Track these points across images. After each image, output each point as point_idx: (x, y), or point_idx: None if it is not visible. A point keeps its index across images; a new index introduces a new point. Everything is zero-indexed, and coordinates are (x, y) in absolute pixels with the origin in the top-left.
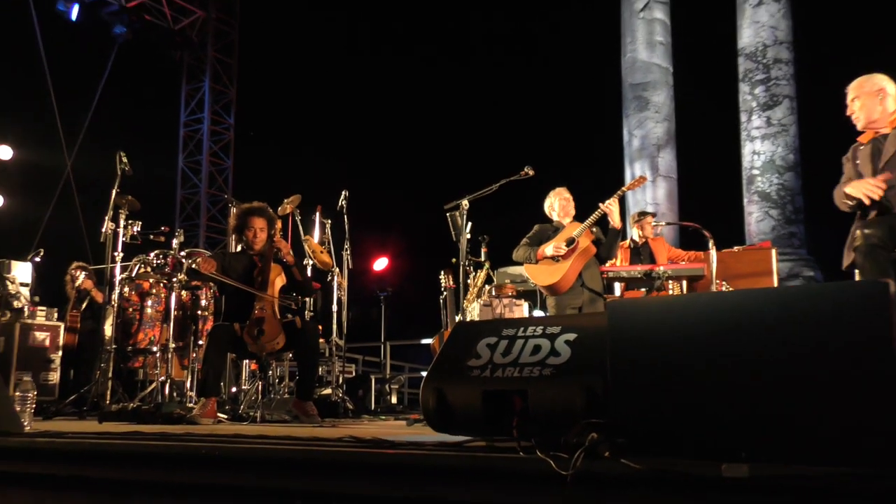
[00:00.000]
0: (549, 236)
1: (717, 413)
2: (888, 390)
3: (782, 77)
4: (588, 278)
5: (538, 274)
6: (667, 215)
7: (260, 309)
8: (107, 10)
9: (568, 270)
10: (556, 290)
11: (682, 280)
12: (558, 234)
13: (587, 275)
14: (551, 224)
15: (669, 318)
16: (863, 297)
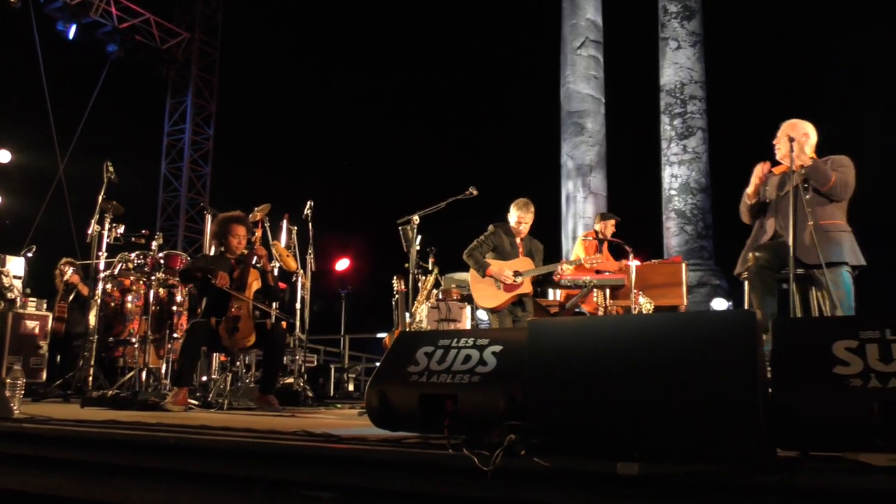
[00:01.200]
0: (502, 243)
1: (615, 419)
2: (751, 401)
3: (696, 111)
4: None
5: (479, 289)
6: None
7: (237, 308)
8: (101, 31)
9: (505, 301)
10: (491, 311)
11: (605, 288)
12: (510, 262)
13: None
14: (507, 231)
15: (580, 336)
16: (735, 323)
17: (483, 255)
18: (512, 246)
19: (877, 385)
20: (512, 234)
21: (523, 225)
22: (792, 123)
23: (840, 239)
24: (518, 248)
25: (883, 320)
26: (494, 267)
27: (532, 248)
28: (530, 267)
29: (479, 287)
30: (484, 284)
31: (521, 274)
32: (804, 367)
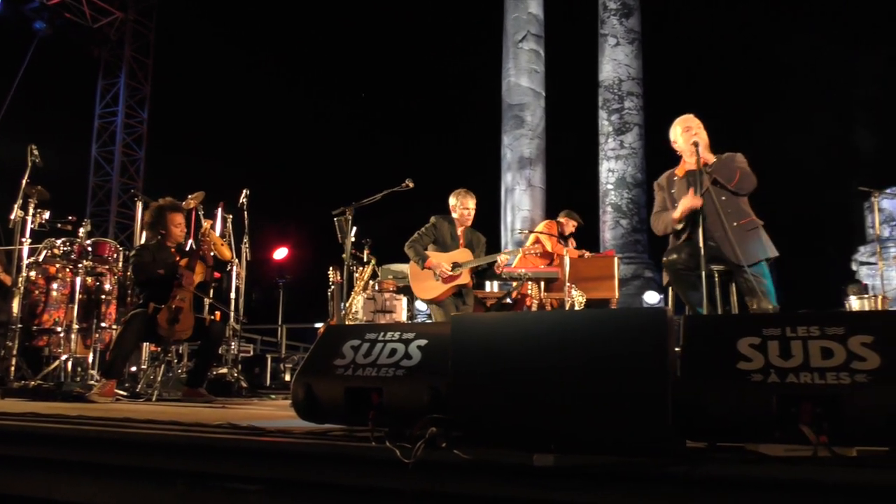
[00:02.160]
0: (443, 235)
1: (533, 412)
2: (661, 394)
3: (633, 108)
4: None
5: (418, 281)
6: (535, 221)
7: (180, 299)
8: (28, 6)
9: (443, 292)
10: (431, 303)
11: (540, 281)
12: (450, 254)
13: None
14: (449, 222)
15: (500, 332)
16: (646, 320)
17: (424, 246)
18: (453, 237)
19: (776, 380)
20: (454, 226)
21: (465, 212)
22: (689, 121)
23: (758, 236)
24: (459, 239)
25: (784, 318)
26: (433, 259)
27: (473, 240)
28: (469, 258)
29: (419, 279)
30: (423, 276)
31: (459, 265)
32: (711, 362)
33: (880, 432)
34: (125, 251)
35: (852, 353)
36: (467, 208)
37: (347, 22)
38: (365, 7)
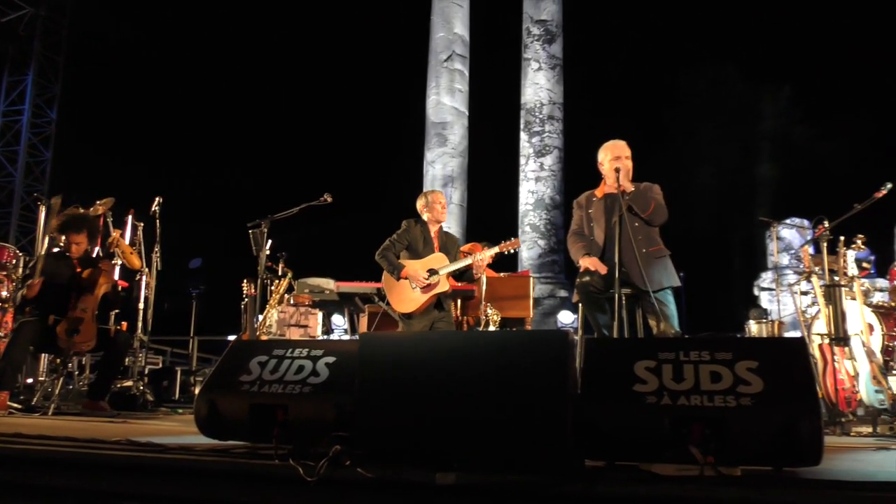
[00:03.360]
0: (415, 240)
1: (437, 431)
2: (561, 415)
3: (553, 131)
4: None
5: (394, 293)
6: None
7: (81, 310)
8: None
9: (423, 303)
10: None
11: (457, 298)
12: (424, 260)
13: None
14: (422, 225)
15: (407, 351)
16: (549, 342)
17: (396, 254)
18: (426, 242)
19: (669, 402)
20: (427, 228)
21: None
22: (619, 149)
23: (666, 264)
24: (433, 242)
25: (678, 343)
26: (409, 268)
27: (448, 243)
28: (445, 263)
29: (395, 291)
30: (399, 288)
31: (436, 272)
32: (609, 384)
33: (763, 452)
34: (25, 257)
35: (738, 378)
36: (440, 202)
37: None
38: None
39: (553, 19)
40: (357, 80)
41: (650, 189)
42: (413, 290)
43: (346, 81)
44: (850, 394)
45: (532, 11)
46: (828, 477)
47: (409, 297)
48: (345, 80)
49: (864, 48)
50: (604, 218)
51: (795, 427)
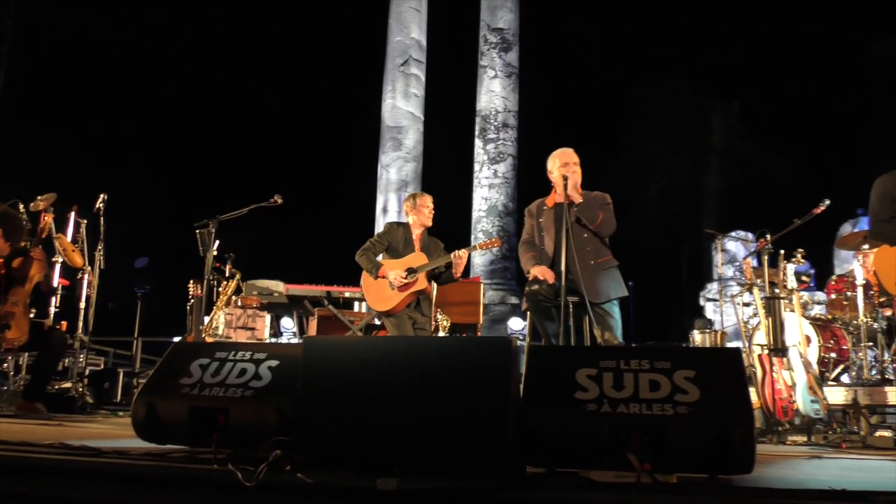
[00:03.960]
0: (396, 242)
1: (379, 436)
2: (502, 422)
3: (508, 139)
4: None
5: (371, 292)
6: None
7: (12, 304)
8: None
9: (399, 302)
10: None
11: None
12: (403, 260)
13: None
14: (404, 228)
15: (351, 355)
16: (492, 349)
17: (376, 254)
18: (406, 243)
19: (608, 410)
20: (409, 231)
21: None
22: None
23: (614, 275)
24: (414, 244)
25: (619, 352)
26: (386, 267)
27: (430, 245)
28: (424, 262)
29: (372, 290)
30: (377, 286)
31: (414, 270)
32: (551, 391)
33: (699, 460)
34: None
35: (676, 386)
36: (427, 206)
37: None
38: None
39: (510, 28)
40: (313, 82)
41: (600, 199)
42: (390, 289)
43: (302, 83)
44: (787, 403)
45: (489, 19)
46: (760, 485)
47: (386, 295)
48: (300, 81)
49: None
50: (553, 227)
51: (730, 435)
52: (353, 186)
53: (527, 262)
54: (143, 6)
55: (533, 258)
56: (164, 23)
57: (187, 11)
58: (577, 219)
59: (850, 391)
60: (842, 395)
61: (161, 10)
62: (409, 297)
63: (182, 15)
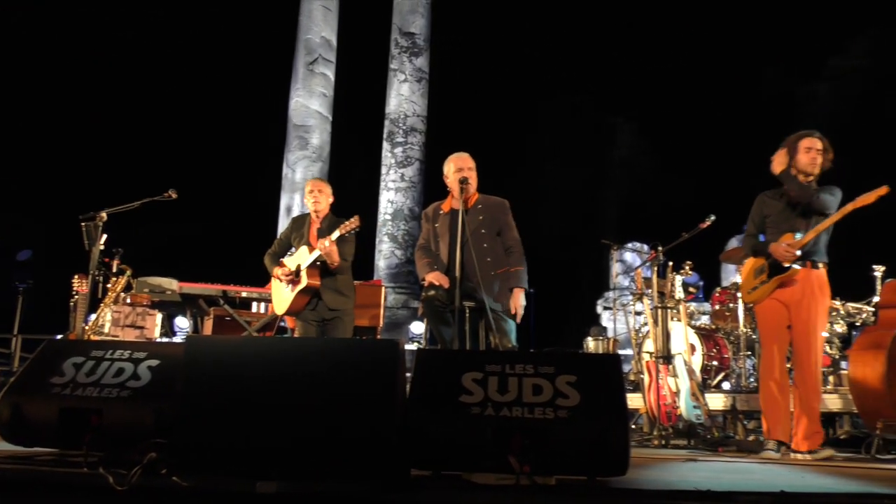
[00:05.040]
0: (298, 233)
1: (262, 438)
2: (387, 424)
3: (416, 143)
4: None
5: (274, 295)
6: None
7: None
8: None
9: (293, 302)
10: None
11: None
12: (294, 256)
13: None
14: (304, 219)
15: (235, 356)
16: (379, 352)
17: (278, 254)
18: (302, 237)
19: (492, 413)
20: (308, 223)
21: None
22: (463, 161)
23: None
24: (307, 236)
25: (505, 356)
26: (278, 267)
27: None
28: (307, 256)
29: (275, 291)
30: (277, 288)
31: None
32: (437, 394)
33: (578, 462)
34: None
35: (558, 391)
36: (308, 190)
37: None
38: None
39: (421, 33)
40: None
41: (500, 204)
42: (285, 289)
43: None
44: (671, 409)
45: (400, 23)
46: (634, 486)
47: (283, 296)
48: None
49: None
50: (448, 233)
51: (607, 439)
52: (256, 185)
53: (422, 269)
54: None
55: (428, 265)
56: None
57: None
58: (478, 225)
59: (729, 397)
60: (721, 401)
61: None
62: (301, 297)
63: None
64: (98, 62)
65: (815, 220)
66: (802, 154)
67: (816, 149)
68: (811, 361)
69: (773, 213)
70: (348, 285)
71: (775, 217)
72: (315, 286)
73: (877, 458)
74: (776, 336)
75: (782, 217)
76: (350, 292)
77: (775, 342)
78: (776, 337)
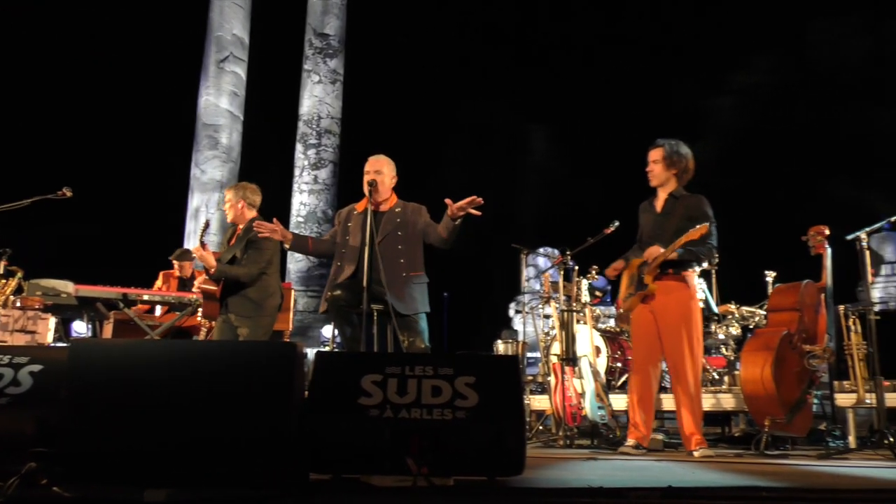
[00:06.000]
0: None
1: (151, 445)
2: (284, 429)
3: (330, 145)
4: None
5: None
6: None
7: None
8: None
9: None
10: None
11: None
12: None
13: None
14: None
15: (124, 360)
16: (275, 354)
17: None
18: (227, 241)
19: (391, 415)
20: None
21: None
22: (380, 164)
23: (423, 290)
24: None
25: (405, 358)
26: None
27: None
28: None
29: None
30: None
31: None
32: (336, 397)
33: (475, 463)
34: None
35: (457, 392)
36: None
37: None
38: None
39: (336, 34)
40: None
41: (417, 209)
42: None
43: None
44: (576, 410)
45: (315, 24)
46: (531, 485)
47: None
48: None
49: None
50: (360, 233)
51: (503, 439)
52: (163, 185)
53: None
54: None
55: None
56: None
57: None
58: (394, 227)
59: None
60: (625, 401)
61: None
62: (207, 303)
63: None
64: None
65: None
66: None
67: (653, 160)
68: (686, 367)
69: (646, 224)
70: (260, 290)
71: (647, 228)
72: (211, 291)
73: (765, 453)
74: (644, 343)
75: (651, 228)
76: (261, 297)
77: (643, 349)
78: (644, 344)
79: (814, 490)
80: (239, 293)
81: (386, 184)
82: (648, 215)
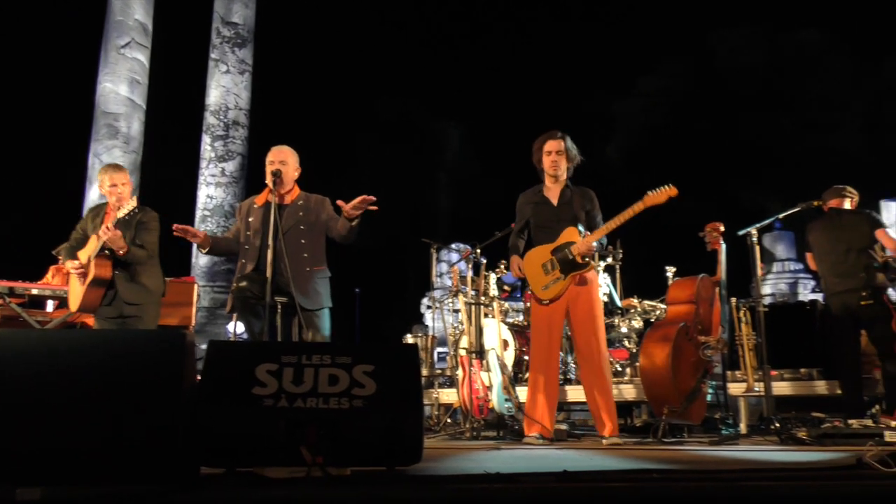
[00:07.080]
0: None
1: (24, 440)
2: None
3: (238, 137)
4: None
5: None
6: None
7: None
8: None
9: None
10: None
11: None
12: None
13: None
14: (102, 207)
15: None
16: (163, 344)
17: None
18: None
19: (285, 405)
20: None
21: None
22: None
23: (326, 285)
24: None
25: (301, 347)
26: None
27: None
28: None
29: (71, 289)
30: (74, 284)
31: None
32: (229, 388)
33: (373, 452)
34: None
35: (355, 381)
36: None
37: None
38: None
39: (245, 23)
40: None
41: (321, 201)
42: (79, 285)
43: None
44: (483, 402)
45: (223, 12)
46: (430, 473)
47: (75, 292)
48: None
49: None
50: (262, 226)
51: (400, 427)
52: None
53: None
54: None
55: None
56: None
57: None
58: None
59: None
60: None
61: None
62: (92, 290)
63: None
64: None
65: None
66: (545, 156)
67: (557, 151)
68: (600, 353)
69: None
70: (152, 277)
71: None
72: (105, 277)
73: (662, 441)
74: (546, 338)
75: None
76: (154, 284)
77: (545, 343)
78: (546, 339)
79: (700, 472)
80: (129, 279)
81: (290, 175)
82: (542, 206)
